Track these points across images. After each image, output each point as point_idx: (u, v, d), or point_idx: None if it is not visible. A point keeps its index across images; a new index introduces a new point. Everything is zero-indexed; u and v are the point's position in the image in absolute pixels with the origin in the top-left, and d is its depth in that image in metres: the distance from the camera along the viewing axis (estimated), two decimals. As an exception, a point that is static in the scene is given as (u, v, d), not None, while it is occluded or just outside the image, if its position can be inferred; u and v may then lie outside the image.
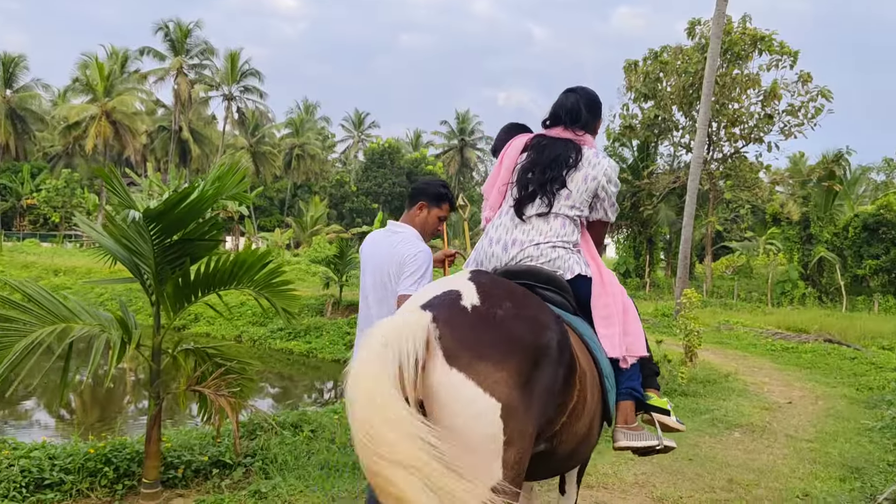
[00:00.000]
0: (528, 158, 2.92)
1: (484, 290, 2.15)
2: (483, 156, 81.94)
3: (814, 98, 28.24)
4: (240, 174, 4.63)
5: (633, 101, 30.07)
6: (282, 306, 4.50)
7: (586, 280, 2.80)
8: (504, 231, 2.85)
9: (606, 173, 2.89)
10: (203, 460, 5.07)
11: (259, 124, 57.95)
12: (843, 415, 8.13)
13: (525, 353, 2.04)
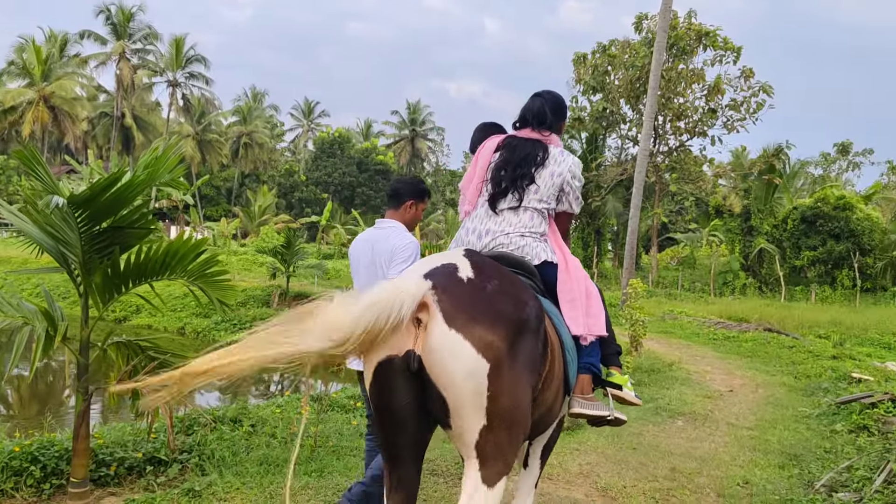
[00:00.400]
0: (500, 157, 3.21)
1: (476, 266, 2.43)
2: (434, 146, 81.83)
3: (755, 93, 28.94)
4: (174, 159, 4.43)
5: (582, 94, 30.33)
6: (217, 297, 4.33)
7: (552, 266, 3.07)
8: (479, 222, 3.16)
9: (571, 169, 3.18)
10: (137, 457, 4.87)
11: (205, 112, 56.64)
12: (782, 402, 8.32)
13: (510, 324, 2.31)
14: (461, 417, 2.27)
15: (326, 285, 23.00)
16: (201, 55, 53.75)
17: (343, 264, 32.34)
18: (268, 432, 5.58)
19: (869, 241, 28.91)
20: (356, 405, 7.23)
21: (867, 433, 6.24)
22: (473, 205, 3.25)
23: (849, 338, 15.77)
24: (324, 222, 40.65)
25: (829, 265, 29.24)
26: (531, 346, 2.41)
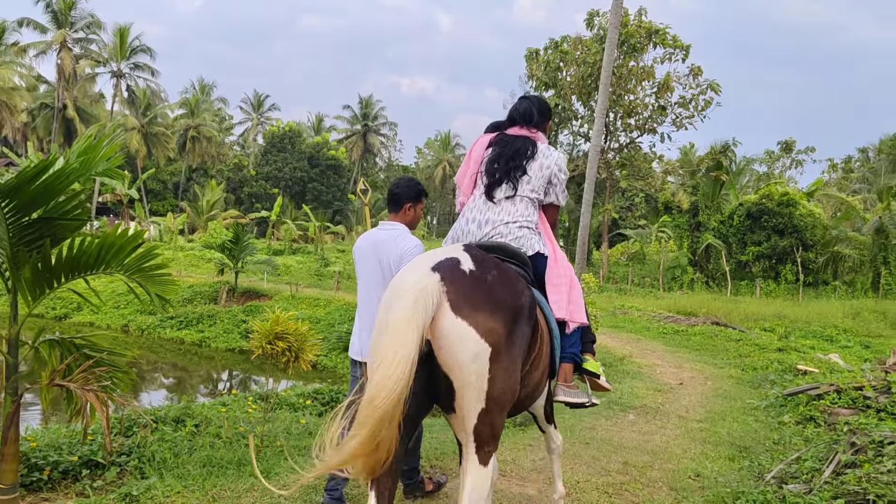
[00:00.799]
0: (493, 152, 3.52)
1: (476, 259, 2.67)
2: (387, 141, 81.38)
3: (703, 91, 29.50)
4: (112, 147, 4.21)
5: (535, 90, 30.42)
6: (155, 292, 4.12)
7: (543, 257, 3.38)
8: (478, 212, 3.43)
9: (557, 163, 3.52)
10: (72, 461, 4.64)
11: (151, 104, 55.18)
12: (731, 395, 8.42)
13: (508, 311, 2.57)
14: (464, 399, 2.48)
15: (276, 281, 22.62)
16: (147, 46, 52.31)
17: (294, 260, 31.93)
18: (212, 433, 5.37)
19: (811, 236, 29.75)
20: (305, 403, 7.06)
21: (814, 424, 6.34)
22: (468, 196, 3.56)
23: (793, 331, 16.15)
24: (274, 218, 40.04)
25: (773, 260, 30.02)
26: (525, 331, 2.68)
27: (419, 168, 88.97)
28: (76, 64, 48.37)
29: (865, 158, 58.95)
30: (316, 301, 18.35)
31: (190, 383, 14.98)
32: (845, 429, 4.91)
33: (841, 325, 17.44)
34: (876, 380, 6.85)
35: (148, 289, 4.11)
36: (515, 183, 3.42)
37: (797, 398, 6.99)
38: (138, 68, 52.78)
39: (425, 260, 2.63)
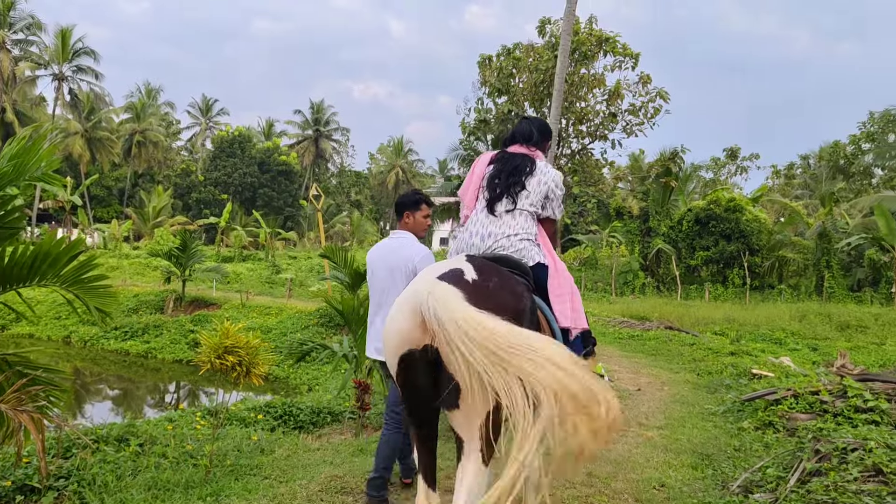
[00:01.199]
0: (494, 168, 3.73)
1: (478, 269, 2.91)
2: (339, 147, 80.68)
3: (653, 98, 29.93)
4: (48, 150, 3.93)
5: (488, 96, 30.52)
6: (95, 305, 3.85)
7: (544, 268, 3.55)
8: (481, 225, 3.61)
9: (554, 179, 3.73)
10: (5, 486, 4.32)
11: (95, 108, 53.60)
12: (688, 400, 8.43)
13: (511, 315, 2.62)
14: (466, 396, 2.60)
15: (226, 289, 22.07)
16: (90, 48, 50.92)
17: (244, 267, 31.28)
18: (158, 452, 5.08)
19: (757, 241, 30.42)
20: (257, 418, 6.79)
21: (773, 429, 6.35)
22: (471, 209, 3.75)
23: (743, 334, 16.40)
24: (223, 224, 39.23)
25: (721, 264, 30.58)
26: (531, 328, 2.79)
27: (372, 174, 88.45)
28: (15, 66, 46.73)
29: (806, 165, 60.79)
30: (267, 309, 17.93)
31: (135, 397, 14.46)
32: (809, 436, 4.90)
33: (788, 328, 17.79)
34: (831, 384, 6.91)
35: (87, 301, 3.84)
36: (515, 197, 3.61)
37: (755, 403, 7.00)
38: (81, 71, 51.35)
39: (432, 272, 2.88)
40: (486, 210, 3.64)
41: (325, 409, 7.41)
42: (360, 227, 65.37)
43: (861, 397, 6.25)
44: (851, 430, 5.78)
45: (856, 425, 5.89)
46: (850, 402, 6.26)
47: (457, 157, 34.10)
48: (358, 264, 15.00)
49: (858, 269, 30.26)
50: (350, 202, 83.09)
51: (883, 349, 15.39)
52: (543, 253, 3.60)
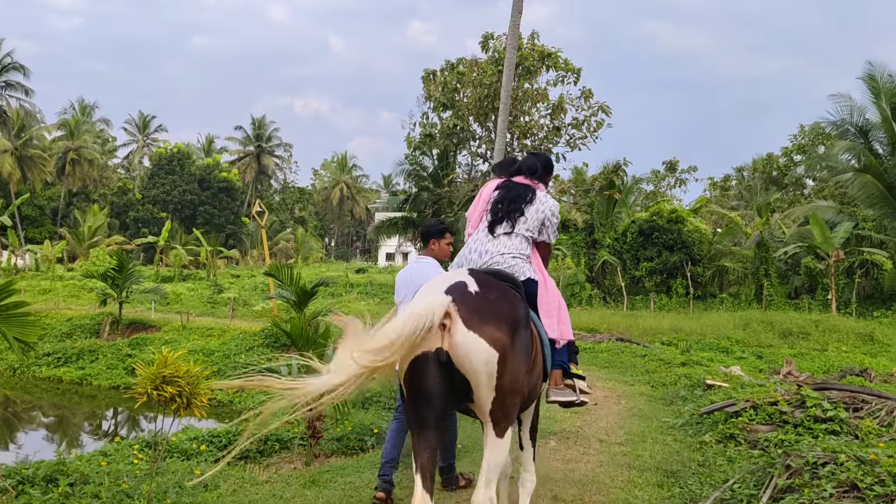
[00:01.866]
0: (499, 195, 4.16)
1: (480, 282, 3.32)
2: (282, 163, 79.59)
3: (595, 113, 30.24)
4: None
5: (433, 111, 30.39)
6: (13, 335, 3.46)
7: (534, 283, 3.97)
8: (480, 243, 4.06)
9: (551, 209, 4.15)
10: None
11: (25, 125, 51.65)
12: (646, 413, 8.33)
13: (510, 322, 3.23)
14: (479, 392, 3.18)
15: (166, 311, 21.26)
16: (19, 63, 49.16)
17: (185, 287, 30.34)
18: (90, 492, 4.66)
19: (698, 251, 31.01)
20: (200, 449, 6.38)
21: (735, 443, 6.26)
22: (475, 228, 4.19)
23: (690, 343, 16.55)
24: (162, 243, 38.07)
25: (664, 275, 31.03)
26: (525, 337, 3.37)
27: (316, 190, 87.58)
28: (-63, 82, 44.69)
29: (741, 177, 62.57)
30: (209, 331, 17.28)
31: (71, 425, 13.72)
32: (779, 452, 4.79)
33: (733, 336, 18.07)
34: (788, 394, 6.88)
35: (4, 331, 3.45)
36: (514, 222, 4.05)
37: (714, 416, 6.92)
38: (10, 87, 49.52)
39: (440, 284, 3.30)
40: (486, 230, 4.10)
41: (273, 437, 7.02)
42: (305, 244, 64.49)
43: (820, 407, 6.22)
44: (813, 440, 5.72)
45: (817, 436, 5.85)
46: (809, 412, 6.22)
47: (402, 172, 33.83)
48: (304, 282, 14.60)
49: (795, 276, 31.12)
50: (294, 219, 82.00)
51: (825, 355, 15.71)
52: (534, 270, 4.03)
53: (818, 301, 27.30)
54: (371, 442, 6.76)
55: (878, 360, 15.21)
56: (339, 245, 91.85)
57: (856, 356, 15.35)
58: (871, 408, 6.41)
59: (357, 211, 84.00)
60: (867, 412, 6.34)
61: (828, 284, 26.33)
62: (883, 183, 27.15)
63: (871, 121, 29.54)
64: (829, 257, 25.67)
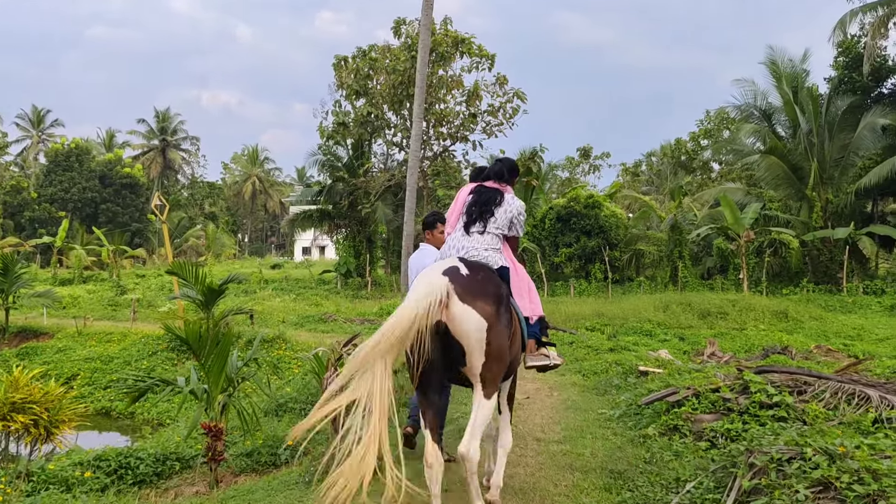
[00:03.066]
0: (472, 199, 4.73)
1: (469, 266, 4.14)
2: (189, 157, 76.47)
3: (510, 99, 30.05)
4: None
5: (346, 99, 29.46)
6: None
7: (506, 269, 4.54)
8: (457, 241, 4.61)
9: (518, 209, 4.73)
10: None
11: None
12: (580, 405, 7.91)
13: (496, 298, 4.05)
14: (472, 357, 3.91)
15: (61, 316, 19.67)
16: None
17: (84, 289, 28.43)
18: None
19: (615, 235, 31.30)
20: (83, 476, 5.49)
21: (679, 434, 5.87)
22: (454, 228, 4.75)
23: (614, 328, 16.43)
24: (59, 243, 35.64)
25: (583, 260, 31.17)
26: (507, 312, 4.09)
27: (226, 184, 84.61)
28: None
29: (651, 162, 64.09)
30: (109, 336, 15.96)
31: None
32: (738, 448, 4.36)
33: (654, 319, 18.09)
34: (730, 379, 6.56)
35: None
36: (485, 223, 4.62)
37: (655, 406, 6.52)
38: None
39: (438, 268, 4.03)
40: (462, 230, 4.66)
41: (173, 455, 6.20)
42: (217, 241, 62.20)
43: (764, 392, 5.90)
44: (761, 428, 5.38)
45: (764, 423, 5.52)
46: (753, 397, 5.90)
47: (316, 163, 32.78)
48: (212, 279, 13.59)
49: (708, 257, 31.90)
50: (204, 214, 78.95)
51: (745, 334, 15.87)
52: (505, 258, 4.65)
53: (730, 280, 27.98)
54: (285, 456, 6.03)
55: (794, 336, 15.45)
56: (253, 241, 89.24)
57: (774, 334, 15.55)
58: (814, 390, 6.14)
59: (271, 205, 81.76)
60: (811, 395, 6.07)
61: (739, 264, 26.98)
62: (788, 164, 28.02)
63: (774, 104, 30.44)
64: (740, 238, 26.28)
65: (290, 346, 12.35)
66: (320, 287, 28.97)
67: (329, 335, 15.04)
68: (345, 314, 19.19)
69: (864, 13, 25.06)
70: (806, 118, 28.66)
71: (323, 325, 16.75)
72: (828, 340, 15.17)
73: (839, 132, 28.22)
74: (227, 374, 5.56)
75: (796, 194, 28.79)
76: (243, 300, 22.27)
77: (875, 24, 24.07)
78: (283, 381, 9.71)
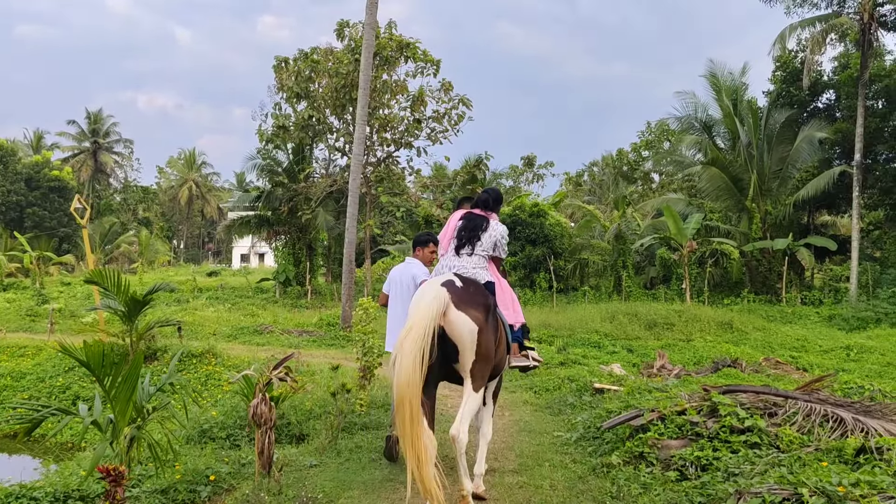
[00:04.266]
0: (462, 224, 5.54)
1: (463, 280, 4.88)
2: (122, 160, 73.72)
3: (455, 105, 29.55)
4: None
5: (286, 101, 28.49)
6: None
7: (491, 284, 5.33)
8: (449, 261, 5.40)
9: (501, 234, 5.54)
10: None
11: None
12: (534, 427, 7.37)
13: (485, 307, 4.75)
14: (464, 356, 4.64)
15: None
16: None
17: (2, 298, 26.69)
18: None
19: (560, 245, 31.15)
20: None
21: (646, 463, 5.37)
22: (446, 250, 5.53)
23: (562, 339, 16.04)
24: (-23, 249, 33.46)
25: (528, 269, 30.90)
26: (494, 319, 4.88)
27: (162, 189, 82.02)
28: None
29: (593, 173, 64.72)
30: (23, 349, 14.70)
31: None
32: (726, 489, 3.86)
33: (601, 330, 17.81)
34: (694, 399, 6.11)
35: None
36: (473, 246, 5.33)
37: (617, 431, 6.02)
38: None
39: (437, 281, 4.84)
40: (454, 252, 5.35)
41: (76, 493, 5.37)
42: (150, 247, 60.12)
43: (735, 415, 5.46)
44: (734, 456, 4.93)
45: (736, 450, 5.07)
46: (723, 421, 5.45)
47: (255, 168, 31.65)
48: (137, 289, 12.62)
49: (651, 267, 32.03)
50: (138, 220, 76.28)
51: (692, 345, 15.69)
52: (490, 275, 5.34)
53: (673, 290, 28.09)
54: (206, 493, 5.29)
55: (741, 348, 15.33)
56: (190, 247, 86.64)
57: (721, 345, 15.41)
58: (785, 412, 5.74)
59: (208, 211, 79.55)
60: (783, 417, 5.66)
61: (682, 274, 27.08)
62: (728, 175, 28.32)
63: (714, 117, 30.82)
64: (683, 248, 26.38)
65: (220, 360, 11.46)
66: (258, 296, 27.88)
67: (265, 348, 14.19)
68: (282, 325, 18.30)
69: (803, 28, 25.50)
70: (746, 130, 29.08)
71: (258, 338, 15.83)
72: (773, 352, 15.10)
73: (777, 145, 28.71)
74: (137, 402, 4.82)
75: (736, 205, 29.14)
76: (174, 310, 21.11)
77: (813, 39, 24.49)
78: (210, 402, 8.90)
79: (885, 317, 20.39)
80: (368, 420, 7.11)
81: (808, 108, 32.40)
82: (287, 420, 7.09)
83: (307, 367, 10.46)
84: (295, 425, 7.06)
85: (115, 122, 70.40)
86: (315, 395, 8.11)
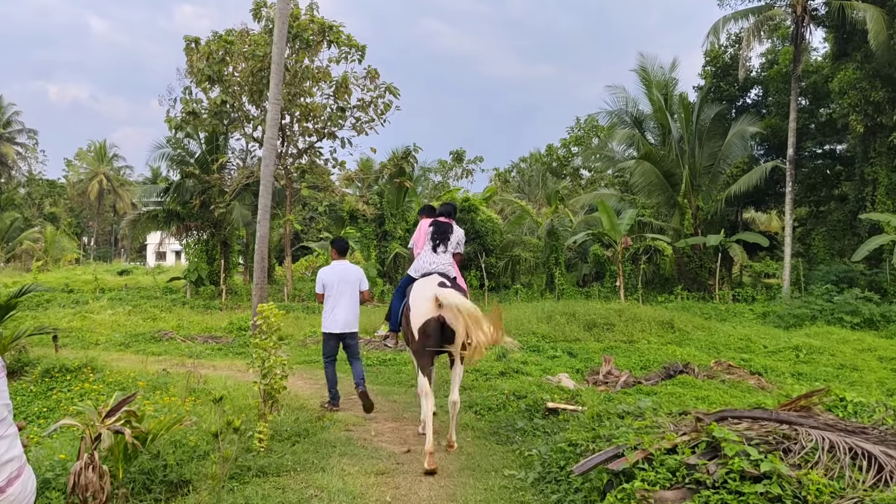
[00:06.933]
0: (434, 229, 7.12)
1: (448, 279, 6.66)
2: (25, 151, 68.72)
3: (382, 94, 27.96)
4: None
5: (197, 85, 26.22)
6: None
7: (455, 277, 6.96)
8: (429, 257, 6.96)
9: (461, 235, 7.31)
10: None
11: None
12: (478, 462, 5.95)
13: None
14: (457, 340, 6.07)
15: None
16: None
17: None
18: None
19: (492, 241, 30.01)
20: None
21: (636, 527, 4.02)
22: (422, 249, 7.15)
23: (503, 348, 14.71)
24: None
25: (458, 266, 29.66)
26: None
27: (70, 183, 77.14)
28: None
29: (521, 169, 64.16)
30: None
31: None
32: None
33: (539, 331, 16.65)
34: (683, 429, 4.82)
35: None
36: (445, 245, 7.06)
37: (592, 477, 4.65)
38: None
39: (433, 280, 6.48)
40: (431, 250, 7.01)
41: None
42: (56, 244, 56.28)
43: (745, 456, 4.18)
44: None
45: (755, 507, 3.77)
46: (730, 464, 4.16)
47: (164, 157, 29.23)
48: (0, 292, 10.57)
49: (583, 264, 31.23)
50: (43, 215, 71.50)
51: (636, 347, 14.68)
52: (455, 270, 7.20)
53: (607, 288, 27.31)
54: None
55: (686, 349, 14.41)
56: (101, 244, 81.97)
57: (666, 347, 14.45)
58: (801, 447, 4.50)
59: (120, 206, 75.22)
60: (800, 456, 4.42)
61: (615, 271, 26.31)
62: (661, 170, 27.71)
63: (645, 112, 30.23)
64: (617, 244, 25.59)
65: (101, 376, 9.60)
66: (166, 297, 25.55)
67: (161, 359, 12.32)
68: (187, 330, 16.33)
69: (737, 20, 25.05)
70: (677, 125, 28.58)
71: (155, 346, 13.85)
72: (719, 353, 14.23)
73: (708, 140, 28.31)
74: None
75: (668, 201, 28.60)
76: (67, 314, 18.79)
77: (748, 32, 24.02)
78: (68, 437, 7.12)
79: (819, 314, 19.97)
80: (268, 462, 5.51)
81: (738, 104, 32.27)
82: (163, 461, 5.45)
83: (203, 384, 8.75)
84: (173, 468, 5.42)
85: (18, 111, 65.47)
86: (205, 423, 6.46)
